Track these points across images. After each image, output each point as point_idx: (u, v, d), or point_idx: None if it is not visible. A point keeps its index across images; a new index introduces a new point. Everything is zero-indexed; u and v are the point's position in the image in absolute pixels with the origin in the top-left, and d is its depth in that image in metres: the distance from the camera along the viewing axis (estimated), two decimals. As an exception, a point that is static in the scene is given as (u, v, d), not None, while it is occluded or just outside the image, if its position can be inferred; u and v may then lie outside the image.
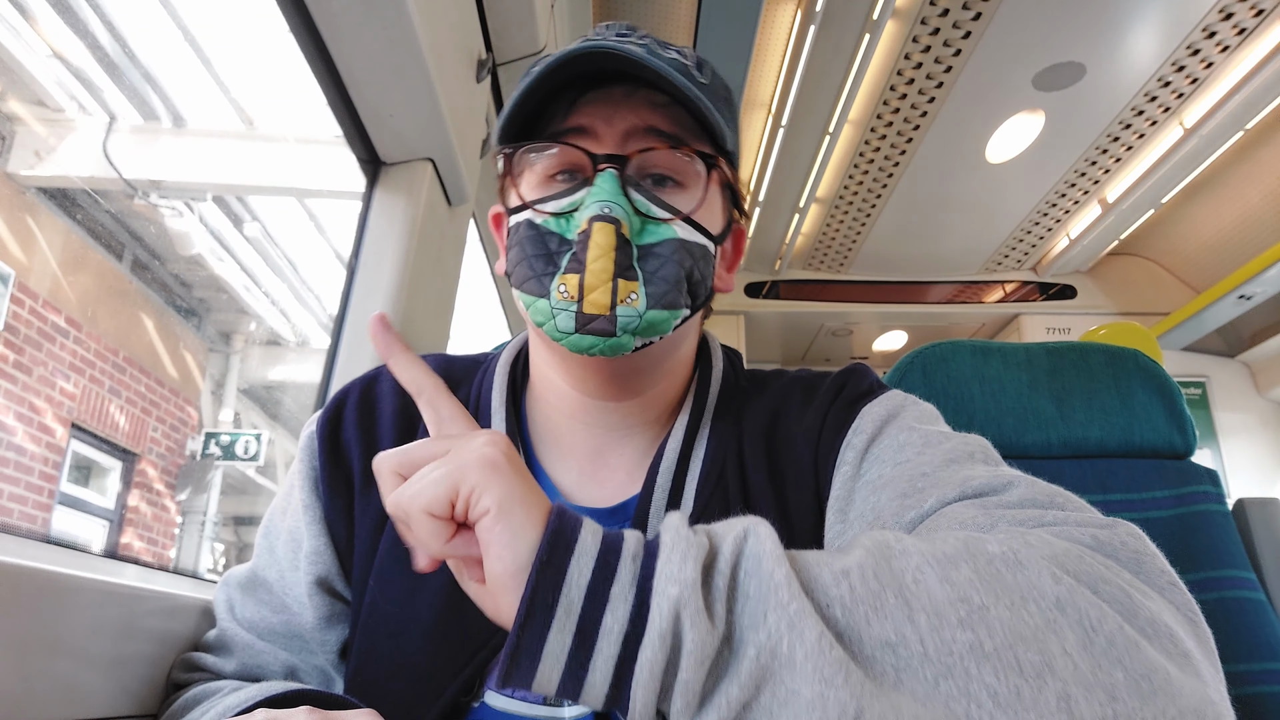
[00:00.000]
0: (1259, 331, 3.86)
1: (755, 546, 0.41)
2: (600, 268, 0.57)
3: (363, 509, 0.66)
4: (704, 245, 0.63)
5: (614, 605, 0.39)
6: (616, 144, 0.61)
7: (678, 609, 0.38)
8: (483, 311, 2.68)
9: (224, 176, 4.20)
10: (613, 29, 0.64)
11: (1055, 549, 0.41)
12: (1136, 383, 1.08)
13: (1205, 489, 1.03)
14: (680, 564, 0.39)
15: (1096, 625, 0.37)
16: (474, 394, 0.71)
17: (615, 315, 0.57)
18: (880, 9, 2.47)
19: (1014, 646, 0.36)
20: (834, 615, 0.38)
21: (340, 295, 1.14)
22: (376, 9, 0.93)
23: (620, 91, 0.61)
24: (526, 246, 0.60)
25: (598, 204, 0.57)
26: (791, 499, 0.64)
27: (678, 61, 0.62)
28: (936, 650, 0.36)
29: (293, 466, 0.69)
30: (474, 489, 0.42)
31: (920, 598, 0.38)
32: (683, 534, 0.41)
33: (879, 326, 4.63)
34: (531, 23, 1.47)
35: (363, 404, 0.69)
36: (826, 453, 0.64)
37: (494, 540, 0.41)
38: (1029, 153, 3.24)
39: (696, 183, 0.63)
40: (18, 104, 3.78)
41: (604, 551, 0.41)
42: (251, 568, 0.70)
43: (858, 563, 0.40)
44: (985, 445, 0.60)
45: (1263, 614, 0.95)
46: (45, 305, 4.22)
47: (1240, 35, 2.63)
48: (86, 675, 0.59)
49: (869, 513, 0.57)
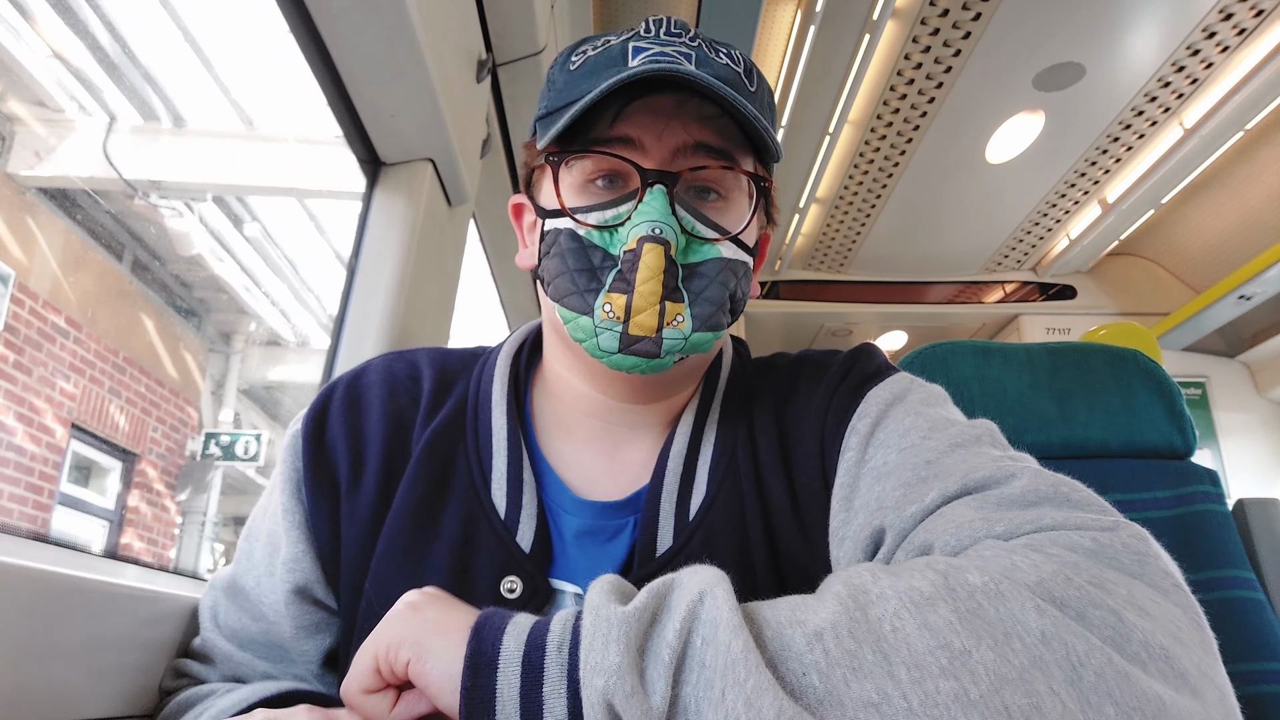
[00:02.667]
0: (1259, 332, 3.86)
1: (711, 612, 0.39)
2: (649, 290, 0.56)
3: (350, 512, 0.63)
4: (745, 262, 0.62)
5: (550, 704, 0.39)
6: (665, 159, 0.59)
7: (607, 699, 0.37)
8: (483, 312, 2.68)
9: (224, 177, 4.20)
10: (662, 26, 0.62)
11: (1042, 572, 0.40)
12: (1137, 383, 1.08)
13: (1205, 489, 1.03)
14: (602, 650, 0.38)
15: (1084, 659, 0.36)
16: (472, 387, 0.69)
17: (661, 338, 0.57)
18: (880, 9, 2.47)
19: (1000, 691, 0.35)
20: (811, 683, 0.37)
21: (340, 295, 1.14)
22: (376, 9, 0.93)
23: (670, 101, 0.59)
24: (569, 259, 0.59)
25: (648, 224, 0.57)
26: (800, 481, 0.63)
27: (729, 70, 0.61)
28: (921, 704, 0.35)
29: (275, 468, 0.66)
30: (388, 647, 0.43)
31: (899, 649, 0.37)
32: (603, 614, 0.40)
33: (879, 327, 4.63)
34: (531, 23, 1.47)
35: (348, 401, 0.67)
36: (832, 436, 0.63)
37: (429, 681, 0.42)
38: (1029, 153, 3.24)
39: (740, 198, 0.62)
40: (18, 104, 3.78)
41: (529, 651, 0.41)
42: (233, 573, 0.68)
43: (831, 621, 0.39)
44: (992, 429, 0.59)
45: (1262, 614, 0.95)
46: (45, 306, 4.22)
47: (1240, 36, 2.63)
48: (83, 675, 0.59)
49: (873, 501, 0.56)
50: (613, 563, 0.62)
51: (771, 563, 0.61)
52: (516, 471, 0.64)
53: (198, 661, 0.68)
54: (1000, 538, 0.45)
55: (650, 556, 0.61)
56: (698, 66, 0.59)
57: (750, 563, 0.61)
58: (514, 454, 0.64)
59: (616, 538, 0.63)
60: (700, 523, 0.62)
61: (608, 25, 2.51)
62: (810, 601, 0.42)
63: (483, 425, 0.66)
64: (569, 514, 0.64)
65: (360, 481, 0.64)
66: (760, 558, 0.61)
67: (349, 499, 0.64)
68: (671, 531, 0.62)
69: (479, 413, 0.67)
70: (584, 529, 0.63)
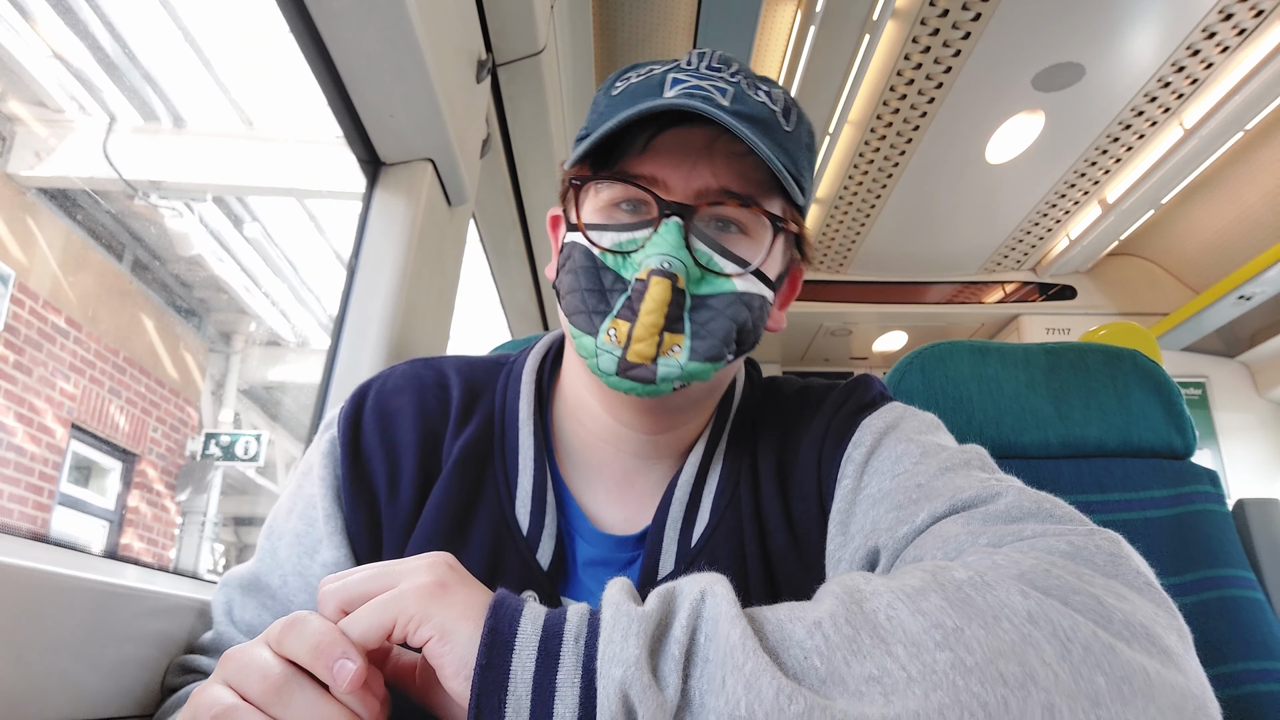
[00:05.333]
0: (1258, 332, 3.86)
1: (712, 608, 0.41)
2: (651, 321, 0.58)
3: (390, 518, 0.66)
4: (762, 295, 0.63)
5: (562, 693, 0.40)
6: (689, 196, 0.60)
7: (624, 689, 0.38)
8: (483, 312, 2.68)
9: (224, 177, 4.20)
10: (704, 60, 0.63)
11: (1023, 566, 0.42)
12: (1134, 383, 1.08)
13: (1205, 489, 1.03)
14: (621, 642, 0.39)
15: (1071, 634, 0.38)
16: (498, 400, 0.71)
17: (656, 367, 0.58)
18: (880, 9, 2.47)
19: (994, 661, 0.37)
20: (813, 665, 0.39)
21: (340, 295, 1.14)
22: (376, 9, 0.93)
23: (702, 137, 0.60)
24: (581, 277, 0.61)
25: (659, 256, 0.58)
26: (798, 510, 0.66)
27: (765, 109, 0.61)
28: (920, 672, 0.37)
29: (311, 470, 0.68)
30: (411, 619, 0.43)
31: (895, 632, 0.39)
32: (623, 609, 0.41)
33: (878, 327, 4.63)
34: (531, 23, 1.47)
35: (380, 409, 0.69)
36: (828, 465, 0.66)
37: (445, 662, 0.42)
38: (1029, 153, 3.24)
39: (763, 233, 0.62)
40: (18, 104, 3.78)
41: (545, 638, 0.41)
42: (253, 570, 0.69)
43: (829, 612, 0.41)
44: (982, 454, 0.61)
45: (1261, 613, 0.95)
46: (45, 306, 4.22)
47: (1240, 36, 2.63)
48: (84, 675, 0.59)
49: (868, 526, 0.58)
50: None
51: (768, 588, 0.64)
52: (541, 492, 0.66)
53: (207, 656, 0.68)
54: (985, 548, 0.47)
55: (652, 579, 0.64)
56: (733, 103, 0.59)
57: (747, 587, 0.64)
58: (539, 474, 0.67)
59: (625, 569, 0.66)
60: (702, 549, 0.65)
61: (607, 26, 2.51)
62: (808, 603, 0.43)
63: (509, 443, 0.68)
64: (584, 540, 0.67)
65: (398, 490, 0.66)
66: (757, 583, 0.64)
67: (389, 506, 0.66)
68: (674, 557, 0.65)
69: (506, 430, 0.69)
70: (597, 558, 0.66)
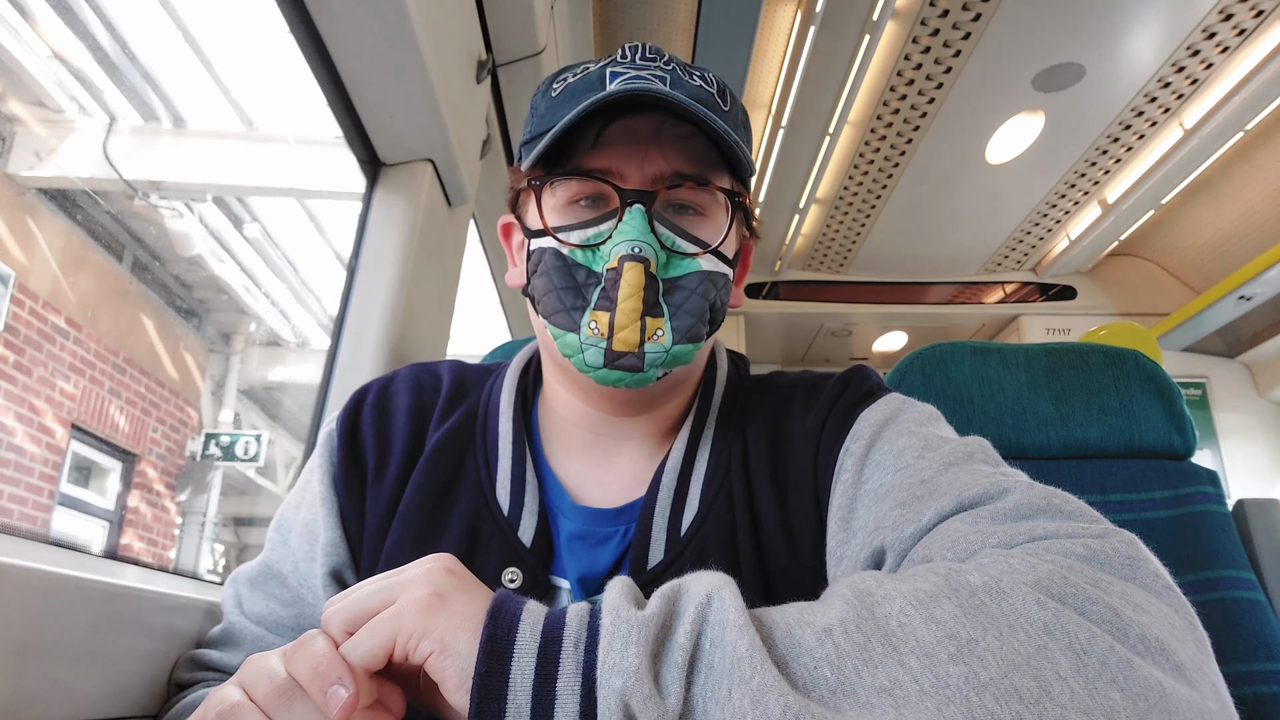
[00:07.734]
0: (1259, 332, 3.86)
1: (719, 614, 0.40)
2: (630, 306, 0.59)
3: (373, 500, 0.68)
4: (725, 274, 0.65)
5: (563, 701, 0.39)
6: (645, 183, 0.62)
7: (624, 699, 0.38)
8: (482, 312, 2.68)
9: (224, 177, 4.19)
10: (637, 52, 0.65)
11: (1039, 572, 0.41)
12: (1135, 383, 1.08)
13: (1205, 490, 1.03)
14: (621, 651, 0.39)
15: (1087, 647, 0.37)
16: (484, 398, 0.73)
17: (644, 352, 0.60)
18: (880, 10, 2.47)
19: (1009, 675, 0.36)
20: (823, 675, 0.38)
21: (340, 296, 1.14)
22: (376, 9, 0.93)
23: (648, 124, 0.62)
24: (554, 278, 0.62)
25: (628, 243, 0.60)
26: (791, 501, 0.65)
27: (702, 91, 0.64)
28: (934, 685, 0.36)
29: (311, 462, 0.71)
30: (411, 636, 0.42)
31: (908, 640, 0.38)
32: (623, 615, 0.41)
33: (879, 327, 4.63)
34: (531, 23, 1.47)
35: (378, 404, 0.73)
36: (825, 458, 0.65)
37: (446, 675, 0.41)
38: (1029, 153, 3.24)
39: (718, 213, 0.65)
40: (18, 104, 3.78)
41: (545, 644, 0.41)
42: (263, 561, 0.72)
43: (839, 617, 0.40)
44: (985, 445, 0.60)
45: (1262, 614, 0.95)
46: (45, 306, 4.21)
47: (1240, 36, 2.63)
48: (86, 676, 0.59)
49: (871, 523, 0.57)
50: (600, 566, 0.65)
51: (761, 580, 0.63)
52: (520, 473, 0.68)
53: (218, 649, 0.70)
54: (997, 548, 0.46)
55: (642, 569, 0.63)
56: (673, 88, 0.62)
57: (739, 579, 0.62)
58: (518, 456, 0.69)
59: (606, 543, 0.66)
60: (692, 538, 0.64)
61: (608, 26, 2.51)
62: (817, 605, 0.43)
63: (490, 431, 0.71)
64: (565, 516, 0.67)
65: (384, 475, 0.69)
66: (750, 574, 0.63)
67: (373, 490, 0.69)
68: (664, 545, 0.64)
69: (488, 420, 0.71)
70: (576, 532, 0.67)
